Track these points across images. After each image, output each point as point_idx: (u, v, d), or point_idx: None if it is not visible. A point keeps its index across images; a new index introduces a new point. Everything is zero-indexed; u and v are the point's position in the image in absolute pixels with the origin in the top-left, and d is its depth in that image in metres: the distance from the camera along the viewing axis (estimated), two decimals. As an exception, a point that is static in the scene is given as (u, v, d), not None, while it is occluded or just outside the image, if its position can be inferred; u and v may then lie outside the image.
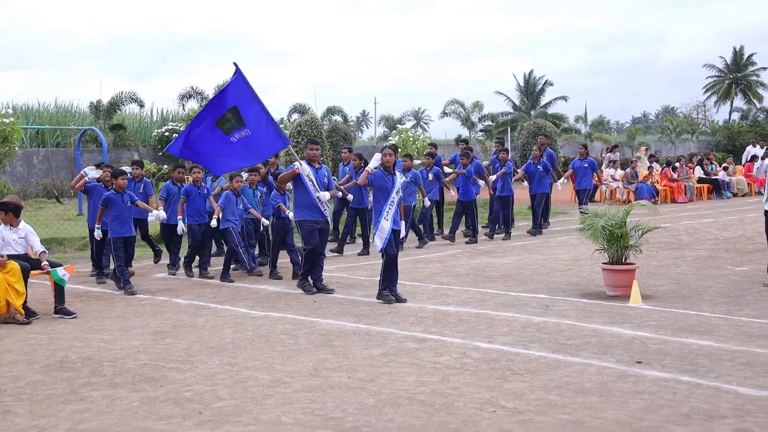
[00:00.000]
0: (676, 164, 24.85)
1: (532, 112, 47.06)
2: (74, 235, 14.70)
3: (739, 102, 56.64)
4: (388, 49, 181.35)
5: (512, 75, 51.70)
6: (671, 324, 7.75)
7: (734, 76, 56.43)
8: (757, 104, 54.82)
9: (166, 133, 28.61)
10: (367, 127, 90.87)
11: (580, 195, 17.07)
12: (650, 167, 24.38)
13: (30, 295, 8.89)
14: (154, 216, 10.97)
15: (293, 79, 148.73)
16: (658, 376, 6.00)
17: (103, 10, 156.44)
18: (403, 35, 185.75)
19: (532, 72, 49.41)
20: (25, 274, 8.62)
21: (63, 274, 8.84)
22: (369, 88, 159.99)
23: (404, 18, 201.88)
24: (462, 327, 7.81)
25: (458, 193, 15.02)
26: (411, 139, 22.74)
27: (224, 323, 8.23)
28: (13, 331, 8.06)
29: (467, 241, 14.78)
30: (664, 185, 23.74)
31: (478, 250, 13.88)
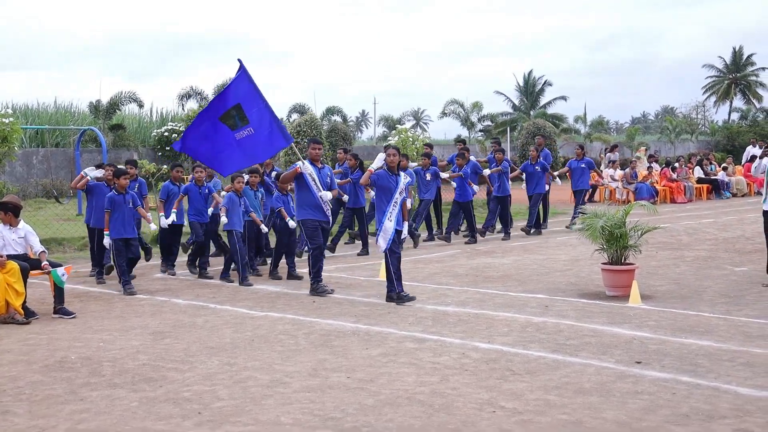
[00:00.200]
0: (676, 164, 24.86)
1: (532, 113, 47.07)
2: (74, 235, 14.70)
3: (739, 102, 56.74)
4: (388, 49, 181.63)
5: (512, 75, 51.70)
6: (670, 324, 7.75)
7: (734, 77, 56.47)
8: (757, 104, 54.89)
9: (166, 134, 28.59)
10: (367, 127, 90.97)
11: (577, 195, 17.03)
12: (649, 167, 24.39)
13: (29, 295, 8.89)
14: (154, 227, 11.29)
15: (293, 79, 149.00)
16: (658, 376, 6.00)
17: (103, 10, 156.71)
18: (403, 35, 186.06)
19: (531, 72, 49.43)
20: (25, 274, 8.62)
21: (62, 275, 8.83)
22: (369, 88, 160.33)
23: (404, 18, 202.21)
24: (461, 327, 7.81)
25: (455, 194, 14.98)
26: (410, 139, 22.74)
27: (223, 323, 8.23)
28: (13, 331, 8.06)
29: (467, 242, 14.78)
30: (664, 185, 23.75)
31: (477, 250, 13.88)
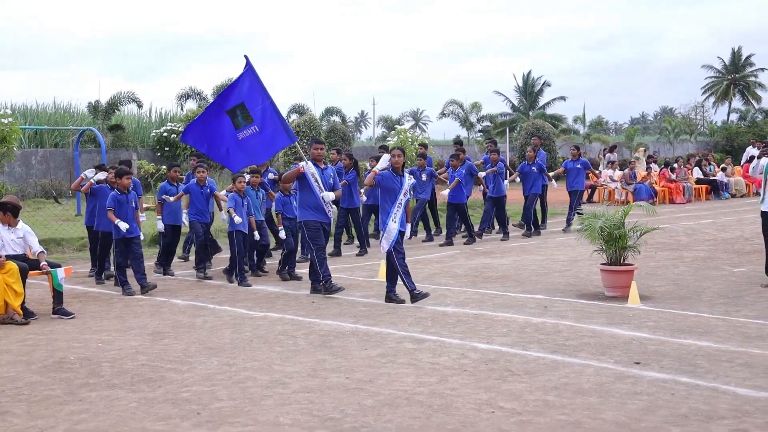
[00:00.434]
0: (675, 165, 24.88)
1: (531, 113, 47.08)
2: (72, 236, 14.69)
3: (738, 103, 56.73)
4: (388, 49, 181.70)
5: (512, 75, 51.64)
6: (669, 325, 7.75)
7: (732, 77, 56.47)
8: (756, 105, 54.91)
9: (165, 134, 28.57)
10: (366, 128, 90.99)
11: (572, 196, 16.97)
12: (648, 168, 24.40)
13: (28, 296, 8.88)
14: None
15: (293, 79, 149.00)
16: (657, 376, 6.01)
17: (102, 10, 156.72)
18: (403, 35, 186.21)
19: (530, 72, 49.46)
20: (24, 275, 8.61)
21: (61, 278, 8.81)
22: (369, 88, 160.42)
23: (404, 18, 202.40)
24: (460, 328, 7.81)
25: (448, 196, 14.94)
26: (410, 139, 22.75)
27: (223, 324, 8.23)
28: (12, 332, 8.06)
29: (465, 242, 14.78)
30: (663, 186, 23.76)
31: (476, 250, 13.88)
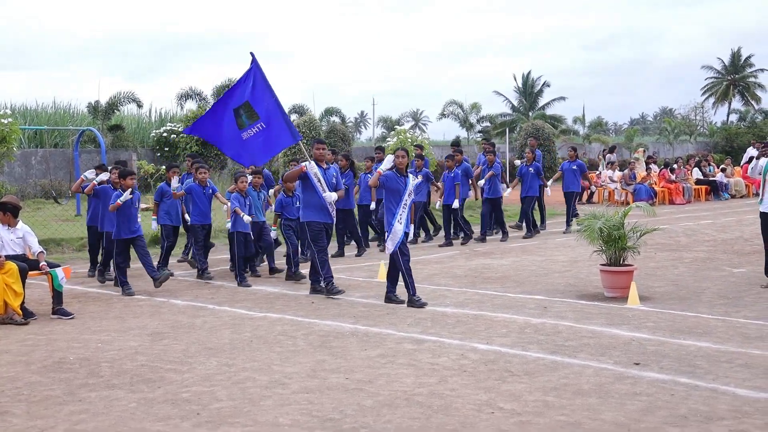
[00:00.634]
0: (674, 166, 24.89)
1: (531, 113, 47.09)
2: (72, 236, 14.68)
3: (737, 103, 56.71)
4: (388, 49, 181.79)
5: (512, 76, 51.63)
6: (669, 325, 7.76)
7: (732, 78, 56.48)
8: (755, 106, 54.91)
9: (165, 134, 28.57)
10: (366, 128, 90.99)
11: (568, 197, 16.92)
12: (648, 168, 24.40)
13: (28, 296, 8.88)
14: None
15: (293, 79, 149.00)
16: (656, 377, 6.01)
17: (102, 10, 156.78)
18: (403, 35, 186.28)
19: (530, 73, 49.47)
20: (23, 275, 8.61)
21: (61, 278, 8.81)
22: (369, 88, 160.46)
23: (404, 18, 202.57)
24: (460, 328, 7.81)
25: (443, 197, 14.89)
26: (409, 140, 22.76)
27: (222, 324, 8.23)
28: (11, 332, 8.05)
29: (461, 243, 14.75)
30: (662, 186, 23.77)
31: (476, 251, 13.88)
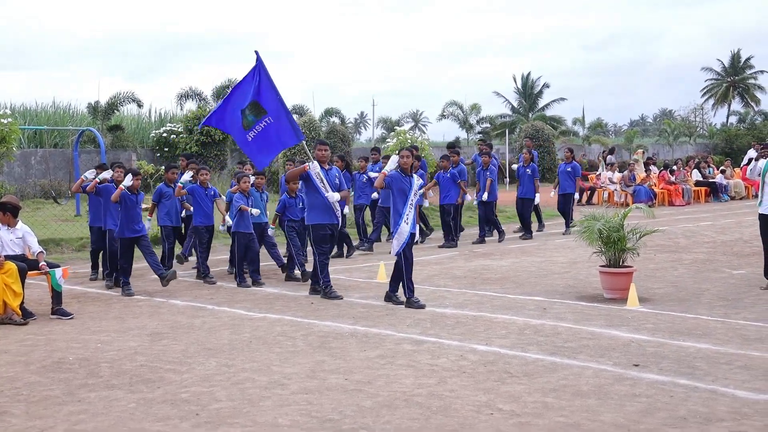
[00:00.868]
0: (674, 167, 24.90)
1: (530, 114, 47.12)
2: (72, 236, 14.68)
3: (737, 105, 56.77)
4: (388, 49, 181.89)
5: (512, 77, 51.66)
6: (668, 327, 7.76)
7: (732, 80, 56.51)
8: (755, 107, 54.95)
9: (164, 135, 28.59)
10: (365, 129, 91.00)
11: (565, 199, 16.86)
12: (648, 170, 24.41)
13: (27, 296, 8.87)
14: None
15: (293, 79, 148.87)
16: (656, 379, 6.01)
17: (102, 10, 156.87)
18: (403, 35, 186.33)
19: (529, 74, 49.52)
20: (23, 275, 8.61)
21: (59, 277, 8.80)
22: (369, 89, 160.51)
23: (404, 18, 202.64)
24: (459, 329, 7.81)
25: (440, 198, 14.86)
26: (409, 141, 22.75)
27: (221, 325, 8.23)
28: (10, 332, 8.05)
29: (440, 245, 14.55)
30: (662, 188, 23.78)
31: (475, 252, 13.88)
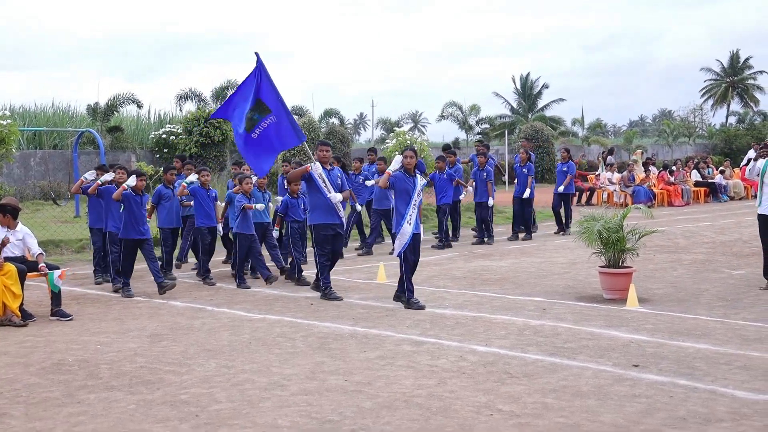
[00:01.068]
0: (673, 167, 24.91)
1: (530, 115, 47.13)
2: (71, 237, 14.68)
3: (736, 105, 56.84)
4: (387, 49, 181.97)
5: (511, 78, 51.65)
6: (668, 327, 7.76)
7: (731, 80, 56.57)
8: (754, 107, 54.98)
9: (164, 136, 28.60)
10: (365, 130, 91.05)
11: (564, 200, 16.88)
12: (647, 170, 24.42)
13: (26, 298, 8.86)
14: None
15: (293, 79, 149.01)
16: (655, 379, 6.01)
17: (102, 10, 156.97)
18: (403, 35, 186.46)
19: (528, 75, 49.54)
20: (22, 277, 8.60)
21: (57, 279, 8.78)
22: (368, 89, 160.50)
23: (404, 18, 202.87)
24: (459, 330, 7.81)
25: (436, 198, 14.86)
26: (408, 141, 22.76)
27: (221, 326, 8.23)
28: (10, 334, 8.05)
29: (433, 246, 14.52)
30: (661, 188, 23.80)
31: (474, 253, 13.89)
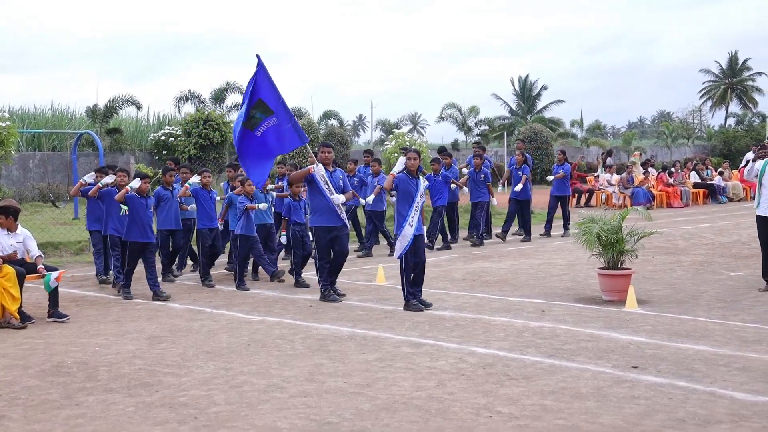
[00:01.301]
0: (672, 169, 24.92)
1: (529, 117, 47.14)
2: (70, 239, 14.67)
3: (735, 107, 56.87)
4: (387, 49, 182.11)
5: (510, 81, 51.62)
6: (667, 329, 7.76)
7: (730, 81, 56.62)
8: (753, 109, 55.02)
9: (163, 138, 28.60)
10: (364, 131, 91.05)
11: (561, 201, 16.88)
12: (646, 172, 24.44)
13: (25, 300, 8.85)
14: None
15: (293, 80, 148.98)
16: (654, 381, 6.01)
17: (101, 11, 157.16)
18: (403, 35, 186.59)
19: (527, 76, 49.55)
20: (21, 279, 8.59)
21: (52, 281, 8.74)
22: (368, 89, 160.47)
23: (404, 18, 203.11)
24: (458, 332, 7.81)
25: (432, 200, 14.88)
26: (407, 143, 22.76)
27: (220, 328, 8.22)
28: (9, 336, 8.04)
29: (433, 247, 14.49)
30: (660, 190, 23.81)
31: (474, 255, 13.88)
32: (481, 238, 15.33)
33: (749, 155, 29.19)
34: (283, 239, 11.22)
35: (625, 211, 9.93)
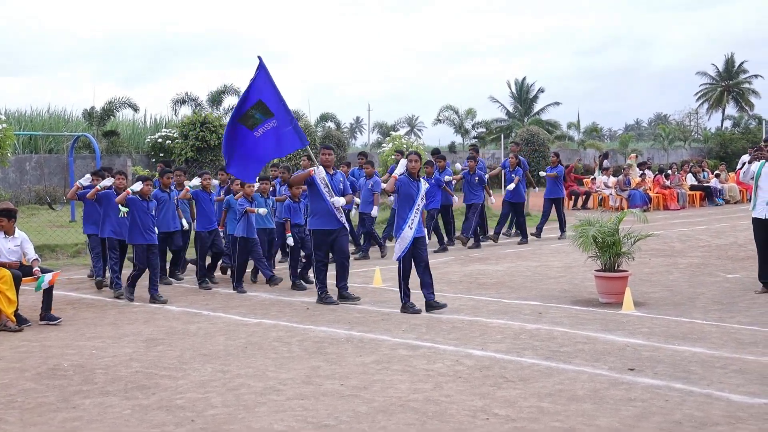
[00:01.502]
0: (669, 171, 24.96)
1: (526, 119, 47.17)
2: (67, 242, 14.65)
3: (731, 109, 56.94)
4: (387, 49, 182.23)
5: (506, 84, 51.62)
6: (664, 331, 7.77)
7: (726, 84, 56.71)
8: (749, 111, 55.10)
9: (159, 140, 28.56)
10: (361, 134, 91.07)
11: (555, 204, 16.89)
12: (642, 174, 24.47)
13: (22, 303, 8.84)
14: None
15: (292, 80, 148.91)
16: (651, 383, 6.02)
17: (99, 12, 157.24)
18: (402, 35, 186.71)
19: (524, 79, 49.57)
20: (17, 282, 8.57)
21: (45, 282, 8.70)
22: (367, 89, 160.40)
23: (404, 18, 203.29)
24: (455, 334, 7.81)
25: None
26: (404, 145, 22.76)
27: (217, 330, 8.22)
28: (5, 339, 8.03)
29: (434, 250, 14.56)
30: (657, 192, 23.84)
31: (471, 257, 13.89)
32: (479, 240, 15.35)
33: (745, 157, 29.23)
34: (290, 241, 11.15)
35: (622, 214, 9.94)
